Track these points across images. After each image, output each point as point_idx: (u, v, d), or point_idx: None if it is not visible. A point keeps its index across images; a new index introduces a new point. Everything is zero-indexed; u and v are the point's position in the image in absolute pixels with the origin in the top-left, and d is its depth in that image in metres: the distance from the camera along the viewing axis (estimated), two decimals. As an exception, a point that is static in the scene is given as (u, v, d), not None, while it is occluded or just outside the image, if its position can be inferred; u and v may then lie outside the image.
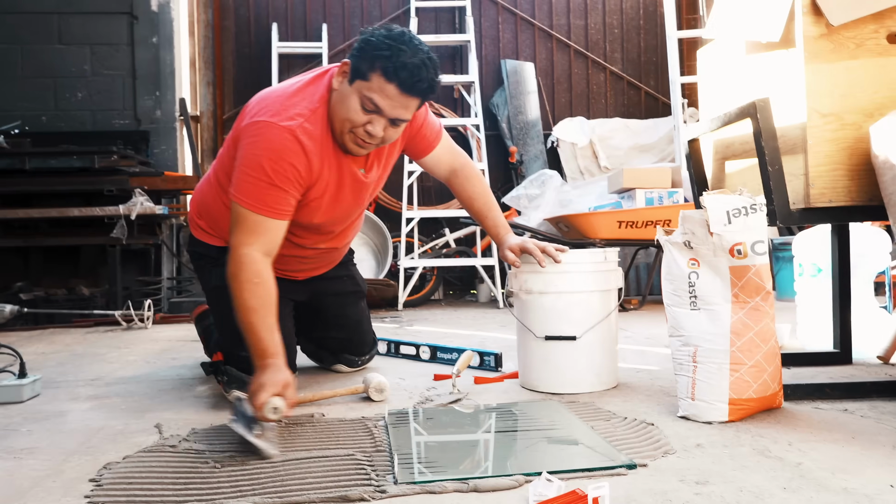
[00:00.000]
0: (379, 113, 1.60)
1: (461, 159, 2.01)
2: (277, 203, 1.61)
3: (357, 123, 1.62)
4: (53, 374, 2.36)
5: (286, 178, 1.61)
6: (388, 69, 1.54)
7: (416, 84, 1.56)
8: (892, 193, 1.53)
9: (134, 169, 4.26)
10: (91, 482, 1.23)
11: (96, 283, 4.53)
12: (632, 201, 4.04)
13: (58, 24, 4.96)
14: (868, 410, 1.57)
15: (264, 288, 1.58)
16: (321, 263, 2.04)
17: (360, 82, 1.58)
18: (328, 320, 2.15)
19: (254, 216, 1.60)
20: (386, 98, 1.57)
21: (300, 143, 1.62)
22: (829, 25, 1.62)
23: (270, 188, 1.60)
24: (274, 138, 1.60)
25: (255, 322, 1.55)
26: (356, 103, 1.60)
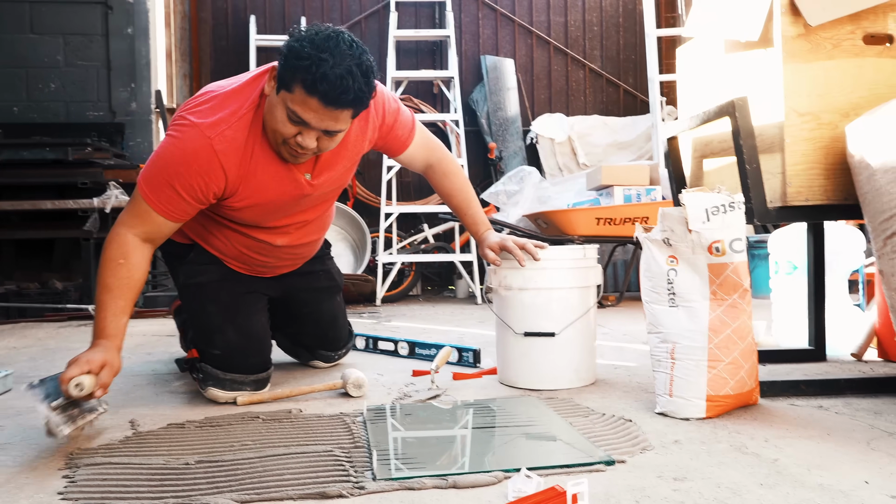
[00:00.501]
0: (306, 126, 1.51)
1: (438, 153, 1.96)
2: (169, 203, 1.57)
3: (286, 135, 1.53)
4: (25, 368, 2.31)
5: (186, 186, 1.56)
6: (308, 82, 1.43)
7: (341, 97, 1.45)
8: (866, 192, 1.55)
9: (108, 161, 4.19)
10: (65, 478, 1.20)
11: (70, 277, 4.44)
12: (610, 198, 4.06)
13: (29, 13, 4.85)
14: (842, 407, 1.59)
15: (127, 270, 1.54)
16: (287, 261, 1.96)
17: (284, 93, 1.49)
18: (303, 316, 2.11)
19: (144, 205, 1.57)
20: (310, 111, 1.47)
21: (215, 153, 1.55)
22: (807, 26, 1.64)
23: (168, 189, 1.56)
24: (188, 144, 1.55)
25: (105, 300, 1.51)
26: (283, 114, 1.51)
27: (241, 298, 1.87)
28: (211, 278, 1.85)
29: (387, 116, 1.80)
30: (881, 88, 1.67)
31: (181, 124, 1.58)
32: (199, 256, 1.87)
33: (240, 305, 1.86)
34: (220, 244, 1.85)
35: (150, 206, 1.57)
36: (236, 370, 1.77)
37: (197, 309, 1.86)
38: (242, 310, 1.86)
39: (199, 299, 1.85)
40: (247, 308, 1.87)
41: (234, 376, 1.77)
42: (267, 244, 1.83)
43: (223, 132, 1.55)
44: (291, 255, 1.94)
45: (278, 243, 1.84)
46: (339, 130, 1.53)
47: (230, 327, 1.81)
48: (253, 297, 1.91)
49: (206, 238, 1.85)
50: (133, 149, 4.95)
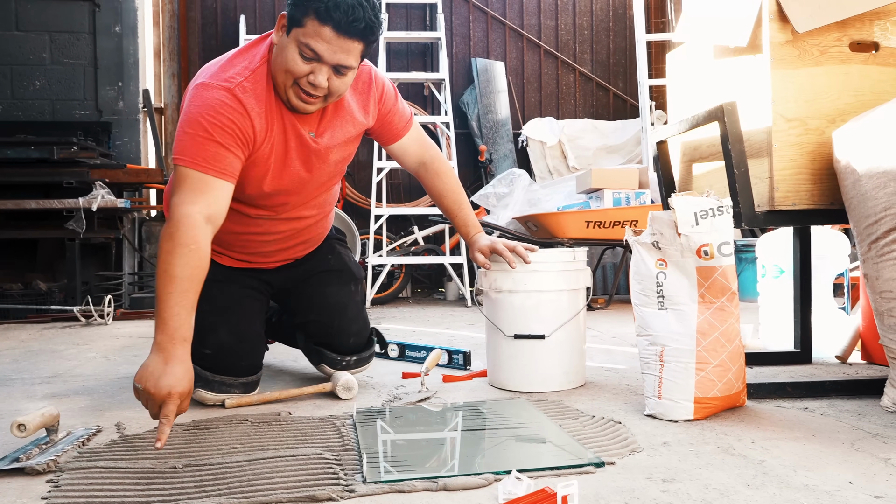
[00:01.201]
0: (319, 60, 1.51)
1: (431, 152, 1.95)
2: (218, 160, 1.50)
3: (299, 74, 1.52)
4: (8, 371, 2.29)
5: (225, 133, 1.51)
6: (321, 10, 1.46)
7: (353, 24, 1.47)
8: (852, 198, 1.57)
9: (94, 161, 4.16)
10: (49, 483, 1.19)
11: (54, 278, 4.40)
12: (600, 201, 4.08)
13: (15, 10, 4.81)
14: (827, 409, 1.60)
15: (198, 258, 1.40)
16: (287, 245, 1.88)
17: (296, 30, 1.50)
18: (306, 300, 1.94)
19: (195, 174, 1.48)
20: (323, 42, 1.48)
21: (239, 100, 1.54)
22: (794, 32, 1.66)
23: (210, 143, 1.50)
24: (210, 97, 1.53)
25: (175, 293, 1.36)
26: (294, 52, 1.51)
27: (236, 300, 1.84)
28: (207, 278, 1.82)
29: (385, 97, 1.80)
30: (867, 95, 1.69)
31: (196, 90, 1.56)
32: None
33: (235, 307, 1.83)
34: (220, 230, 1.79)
35: (200, 171, 1.48)
36: (226, 372, 1.75)
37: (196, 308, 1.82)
38: (237, 311, 1.83)
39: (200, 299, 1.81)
40: (242, 310, 1.84)
41: (224, 378, 1.75)
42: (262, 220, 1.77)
43: (241, 84, 1.56)
44: (294, 240, 1.86)
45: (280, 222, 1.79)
46: (349, 66, 1.53)
47: (223, 328, 1.78)
48: (249, 300, 1.87)
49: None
50: (120, 148, 4.91)
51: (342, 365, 1.93)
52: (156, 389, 1.28)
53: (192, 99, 1.55)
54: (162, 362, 1.33)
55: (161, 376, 1.30)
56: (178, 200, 1.45)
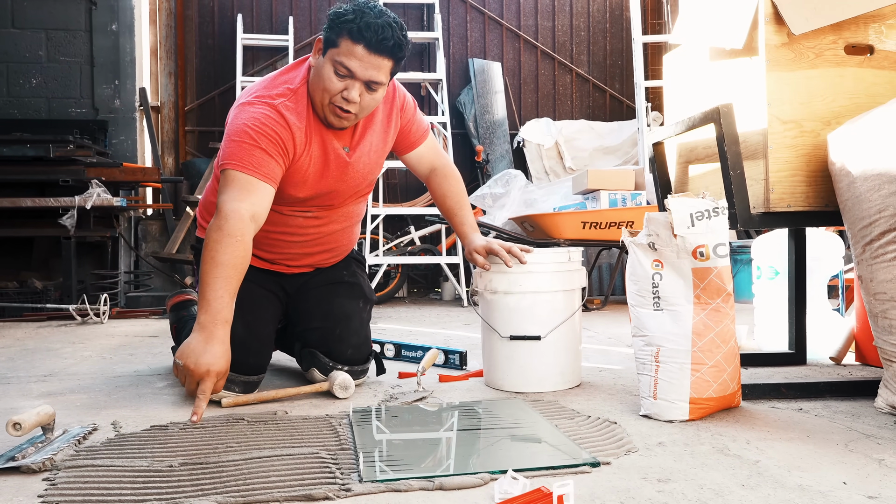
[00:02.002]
0: (352, 77, 1.65)
1: (444, 159, 2.06)
2: (263, 165, 1.64)
3: (334, 91, 1.66)
4: (3, 369, 2.28)
5: (270, 141, 1.66)
6: (354, 31, 1.61)
7: (383, 42, 1.62)
8: (847, 200, 1.58)
9: (91, 159, 4.15)
10: (45, 481, 1.19)
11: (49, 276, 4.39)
12: (596, 202, 4.09)
13: (11, 7, 4.79)
14: (822, 410, 1.61)
15: (243, 249, 1.55)
16: (313, 251, 1.94)
17: (331, 51, 1.65)
18: (312, 308, 1.96)
19: (242, 175, 1.63)
20: (355, 59, 1.63)
21: (282, 115, 1.69)
22: (790, 35, 1.67)
23: (256, 150, 1.64)
24: (256, 111, 1.68)
25: (220, 279, 1.50)
26: (330, 71, 1.65)
27: (255, 300, 1.86)
28: None
29: (406, 108, 1.92)
30: (861, 98, 1.70)
31: (241, 107, 1.70)
32: None
33: (253, 305, 1.85)
34: None
35: (248, 173, 1.63)
36: (232, 367, 1.74)
37: None
38: (253, 309, 1.85)
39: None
40: (259, 310, 1.87)
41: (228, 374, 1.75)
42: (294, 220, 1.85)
43: (284, 102, 1.71)
44: (318, 240, 1.92)
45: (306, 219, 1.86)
46: (379, 82, 1.67)
47: (239, 321, 1.77)
48: (267, 303, 1.90)
49: None
50: (116, 146, 4.90)
51: (329, 368, 1.89)
52: (195, 366, 1.45)
53: (238, 114, 1.70)
54: (203, 341, 1.49)
55: (201, 354, 1.47)
56: (227, 198, 1.60)
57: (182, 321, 2.21)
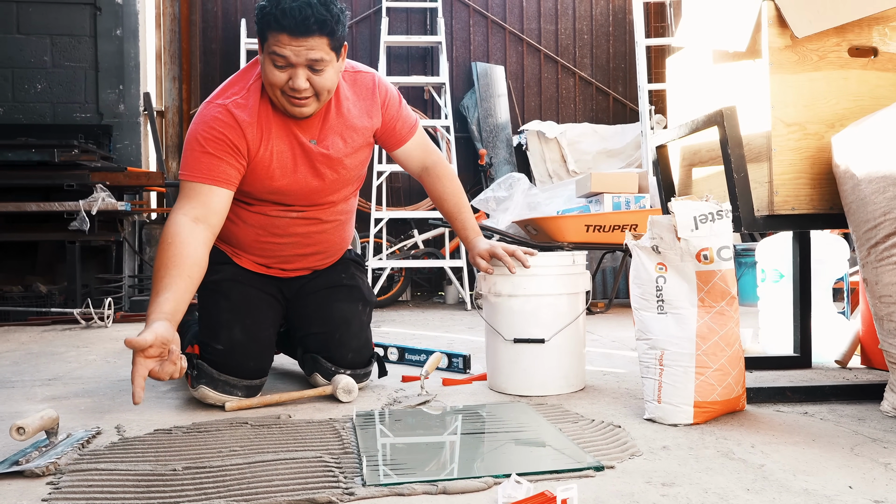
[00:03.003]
0: (291, 65, 1.63)
1: (434, 157, 2.01)
2: (210, 169, 1.67)
3: (280, 83, 1.66)
4: (8, 373, 2.29)
5: (217, 145, 1.68)
6: (272, 22, 1.59)
7: (304, 23, 1.57)
8: (851, 202, 1.57)
9: (95, 164, 4.16)
10: (49, 485, 1.19)
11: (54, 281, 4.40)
12: (599, 205, 4.08)
13: (16, 13, 4.82)
14: (827, 413, 1.61)
15: (175, 248, 1.56)
16: (305, 252, 1.93)
17: (264, 45, 1.65)
18: (311, 312, 1.95)
19: (188, 184, 1.68)
20: (284, 47, 1.60)
21: (232, 115, 1.71)
22: (793, 37, 1.66)
23: (203, 156, 1.68)
24: (207, 114, 1.72)
25: (154, 286, 1.51)
26: (269, 65, 1.65)
27: (253, 303, 1.86)
28: (226, 276, 1.87)
29: (389, 102, 1.89)
30: (865, 100, 1.69)
31: (199, 111, 1.75)
32: (213, 256, 1.85)
33: (251, 309, 1.85)
34: (237, 230, 1.86)
35: (192, 180, 1.67)
36: (232, 372, 1.75)
37: (209, 304, 1.86)
38: (252, 313, 1.85)
39: (213, 295, 1.85)
40: (257, 313, 1.87)
41: (228, 378, 1.75)
42: (281, 219, 1.84)
43: (235, 101, 1.72)
44: (308, 239, 1.90)
45: (292, 216, 1.85)
46: (320, 60, 1.63)
47: (237, 326, 1.80)
48: (266, 306, 1.90)
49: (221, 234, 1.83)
50: (120, 151, 4.92)
51: (331, 373, 1.89)
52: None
53: (194, 119, 1.75)
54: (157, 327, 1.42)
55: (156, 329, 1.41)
56: (173, 209, 1.66)
57: (186, 325, 2.21)
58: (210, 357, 1.77)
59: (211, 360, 1.76)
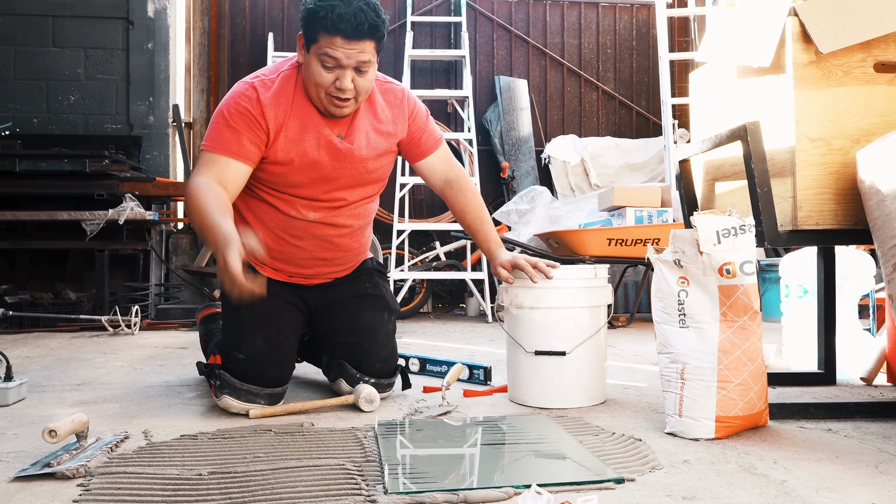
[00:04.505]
0: (340, 66, 1.71)
1: (456, 171, 2.05)
2: (230, 143, 1.74)
3: (326, 83, 1.73)
4: (39, 378, 2.34)
5: (239, 118, 1.74)
6: (328, 25, 1.66)
7: (358, 28, 1.67)
8: (876, 218, 1.56)
9: (125, 174, 4.25)
10: (79, 486, 1.22)
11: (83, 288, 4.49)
12: (622, 219, 4.07)
13: (52, 27, 4.96)
14: (851, 430, 1.59)
15: (216, 191, 1.66)
16: (324, 257, 1.94)
17: (313, 46, 1.72)
18: (338, 322, 1.98)
19: (209, 155, 1.75)
20: (337, 49, 1.68)
21: (255, 90, 1.77)
22: (818, 53, 1.66)
23: (226, 129, 1.74)
24: (235, 90, 1.79)
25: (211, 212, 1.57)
26: (318, 66, 1.72)
27: (275, 312, 1.88)
28: None
29: (417, 114, 1.97)
30: (891, 116, 1.68)
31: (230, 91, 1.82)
32: None
33: (273, 318, 1.88)
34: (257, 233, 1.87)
35: (214, 152, 1.74)
36: (253, 381, 1.78)
37: (232, 314, 1.89)
38: (274, 323, 1.88)
39: (236, 305, 1.86)
40: (279, 322, 1.89)
41: (251, 387, 1.78)
42: (300, 220, 1.86)
43: (263, 81, 1.79)
44: (326, 242, 1.91)
45: (311, 217, 1.86)
46: (367, 62, 1.73)
47: (259, 335, 1.83)
48: (288, 315, 1.92)
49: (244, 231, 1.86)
50: (149, 162, 5.02)
51: (360, 383, 1.90)
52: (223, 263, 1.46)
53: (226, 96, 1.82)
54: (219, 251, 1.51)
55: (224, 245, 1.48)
56: (193, 174, 1.74)
57: (211, 333, 2.25)
58: (232, 367, 1.80)
59: (233, 369, 1.79)
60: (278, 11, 5.63)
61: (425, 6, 5.71)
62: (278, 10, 5.63)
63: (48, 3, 4.92)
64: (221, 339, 1.96)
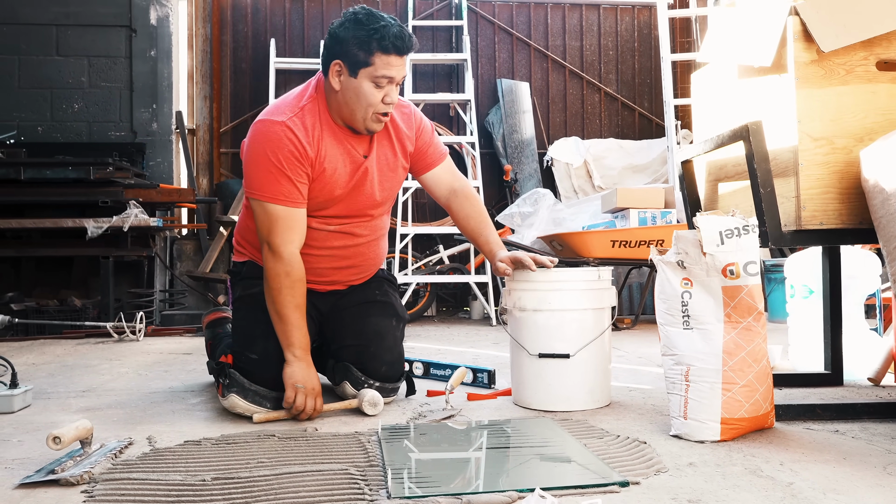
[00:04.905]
0: (389, 83, 1.79)
1: (461, 181, 2.10)
2: (293, 192, 1.78)
3: (377, 103, 1.79)
4: (44, 385, 2.35)
5: (291, 163, 1.77)
6: (387, 46, 1.74)
7: (409, 44, 1.78)
8: (881, 217, 1.55)
9: (129, 181, 4.26)
10: (83, 493, 1.22)
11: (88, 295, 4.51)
12: (625, 221, 4.06)
13: (56, 36, 4.98)
14: (859, 432, 1.58)
15: (301, 287, 1.80)
16: (340, 265, 1.98)
17: (365, 70, 1.76)
18: (346, 326, 2.00)
19: (280, 210, 1.78)
20: (393, 67, 1.77)
21: (293, 132, 1.78)
22: (819, 52, 1.66)
23: (282, 177, 1.77)
24: (269, 132, 1.78)
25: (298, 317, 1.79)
26: (370, 87, 1.77)
27: None
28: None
29: (423, 129, 2.02)
30: (894, 114, 1.68)
31: (253, 131, 1.82)
32: (252, 270, 1.96)
33: None
34: None
35: (285, 205, 1.78)
36: (264, 382, 1.79)
37: (247, 316, 1.92)
38: None
39: (251, 307, 1.91)
40: None
41: (259, 389, 1.79)
42: (321, 231, 1.90)
43: (291, 118, 1.80)
44: (345, 252, 1.96)
45: (330, 229, 1.91)
46: (403, 76, 1.82)
47: (273, 338, 1.84)
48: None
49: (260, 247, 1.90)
50: (153, 168, 5.03)
51: (364, 386, 1.91)
52: (312, 387, 1.77)
53: (255, 136, 1.81)
54: (306, 368, 1.79)
55: (309, 378, 1.77)
56: (280, 240, 1.78)
57: (217, 338, 2.25)
58: (243, 366, 1.81)
59: (244, 369, 1.81)
60: (280, 17, 5.64)
61: (426, 10, 5.72)
62: (280, 17, 5.64)
63: (52, 13, 4.95)
64: (233, 340, 1.97)
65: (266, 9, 5.64)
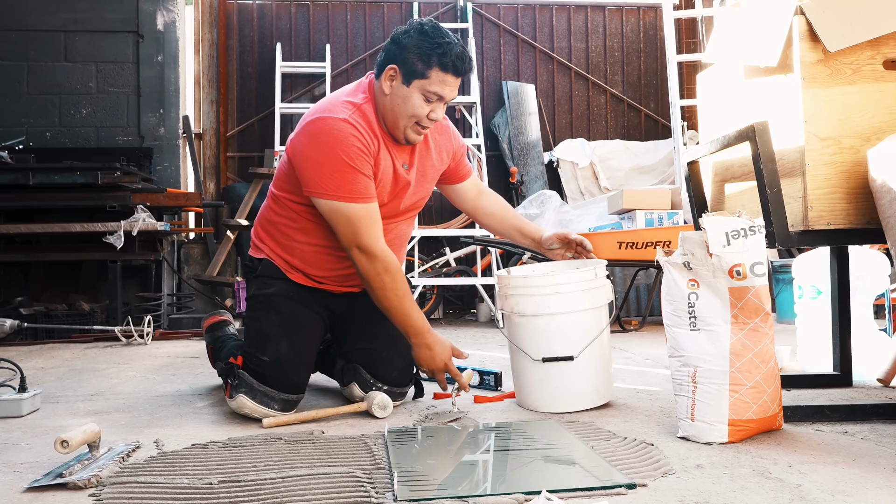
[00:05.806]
0: (441, 100, 1.80)
1: (483, 185, 2.24)
2: (367, 188, 1.78)
3: (422, 115, 1.80)
4: (53, 388, 2.36)
5: (361, 158, 1.76)
6: (447, 63, 1.75)
7: (468, 67, 1.81)
8: (889, 216, 1.54)
9: (136, 185, 4.29)
10: (91, 497, 1.23)
11: (96, 299, 4.53)
12: (632, 222, 4.05)
13: (64, 42, 5.02)
14: (868, 433, 1.57)
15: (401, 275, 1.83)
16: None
17: (418, 81, 1.77)
18: (360, 329, 2.01)
19: (362, 207, 1.76)
20: (447, 86, 1.79)
21: (356, 127, 1.77)
22: (826, 51, 1.65)
23: (357, 175, 1.75)
24: (334, 129, 1.76)
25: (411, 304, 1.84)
26: (419, 99, 1.78)
27: (302, 320, 1.91)
28: (278, 291, 1.91)
29: (461, 145, 2.10)
30: (903, 113, 1.66)
31: (315, 129, 1.78)
32: (267, 269, 1.94)
33: (300, 325, 1.90)
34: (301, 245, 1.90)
35: (364, 202, 1.77)
36: (273, 384, 1.79)
37: (260, 316, 1.91)
38: (300, 330, 1.90)
39: (264, 308, 1.91)
40: (305, 330, 1.92)
41: (267, 390, 1.79)
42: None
43: (352, 115, 1.79)
44: None
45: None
46: (454, 97, 1.85)
47: (285, 340, 1.85)
48: (313, 324, 1.94)
49: (283, 243, 1.92)
50: (160, 173, 5.06)
51: (373, 388, 1.92)
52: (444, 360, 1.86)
53: (316, 135, 1.77)
54: (432, 345, 1.85)
55: (438, 353, 1.86)
56: (369, 239, 1.77)
57: (218, 341, 2.25)
58: (254, 368, 1.81)
59: (254, 370, 1.80)
60: (286, 22, 5.67)
61: (431, 13, 5.73)
62: (286, 21, 5.67)
63: (60, 19, 4.98)
64: (244, 341, 1.97)
65: (272, 13, 5.66)
